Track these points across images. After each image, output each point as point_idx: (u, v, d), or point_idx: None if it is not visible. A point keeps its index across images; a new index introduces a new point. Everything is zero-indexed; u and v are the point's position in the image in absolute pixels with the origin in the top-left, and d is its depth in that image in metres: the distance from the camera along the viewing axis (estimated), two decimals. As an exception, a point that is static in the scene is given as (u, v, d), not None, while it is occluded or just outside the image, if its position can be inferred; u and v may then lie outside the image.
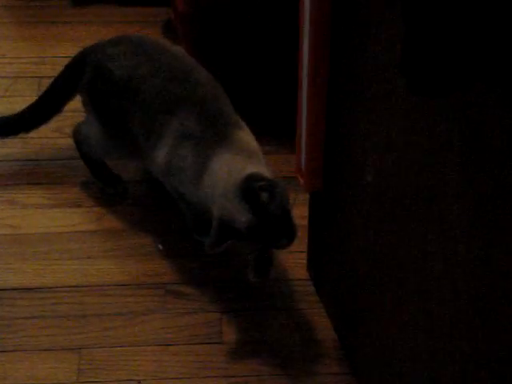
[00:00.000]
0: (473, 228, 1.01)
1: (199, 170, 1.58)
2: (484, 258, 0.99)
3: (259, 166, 1.56)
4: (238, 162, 1.56)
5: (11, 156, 1.94)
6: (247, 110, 1.68)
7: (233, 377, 1.50)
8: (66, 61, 1.87)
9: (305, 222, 1.66)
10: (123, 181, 1.87)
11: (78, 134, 1.86)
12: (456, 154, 1.03)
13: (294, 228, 1.48)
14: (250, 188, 1.47)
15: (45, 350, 1.54)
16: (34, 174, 1.90)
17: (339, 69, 1.37)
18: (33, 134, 1.95)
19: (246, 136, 1.63)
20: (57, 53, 2.25)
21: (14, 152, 1.95)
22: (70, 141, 1.92)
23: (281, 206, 1.47)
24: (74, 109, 1.87)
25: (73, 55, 1.84)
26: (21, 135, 1.93)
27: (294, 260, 1.72)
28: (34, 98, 1.94)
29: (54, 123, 1.95)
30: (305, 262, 1.70)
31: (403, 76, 0.92)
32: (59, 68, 1.88)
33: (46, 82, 2.06)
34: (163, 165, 1.66)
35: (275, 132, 1.99)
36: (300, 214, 1.77)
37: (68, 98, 1.88)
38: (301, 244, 1.72)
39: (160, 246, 1.74)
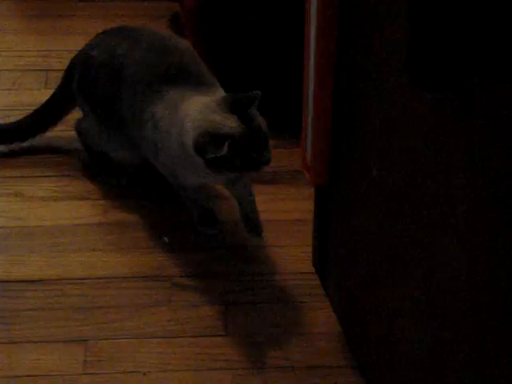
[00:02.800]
0: (478, 222, 1.01)
1: (177, 121, 1.60)
2: (488, 253, 1.00)
3: None
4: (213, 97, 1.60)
5: (17, 149, 1.95)
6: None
7: (237, 369, 1.51)
8: (73, 54, 1.87)
9: (310, 216, 1.66)
10: (127, 173, 1.88)
11: (79, 128, 1.88)
12: (461, 149, 1.03)
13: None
14: (238, 99, 1.54)
15: (51, 341, 1.55)
16: (40, 167, 1.91)
17: (345, 64, 1.37)
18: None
19: (221, 92, 1.66)
20: (64, 46, 2.26)
21: (21, 145, 1.95)
22: (75, 133, 1.93)
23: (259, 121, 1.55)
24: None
25: (79, 48, 1.85)
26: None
27: (299, 254, 1.72)
28: (42, 91, 1.95)
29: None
30: (310, 255, 1.70)
31: (408, 72, 0.92)
32: (66, 61, 1.89)
33: (53, 75, 2.08)
34: (150, 140, 1.67)
35: (279, 126, 1.99)
36: (305, 208, 1.78)
37: (67, 108, 1.90)
38: (306, 238, 1.72)
39: (166, 239, 1.75)
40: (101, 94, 1.76)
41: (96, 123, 1.80)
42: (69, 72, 1.86)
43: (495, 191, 0.96)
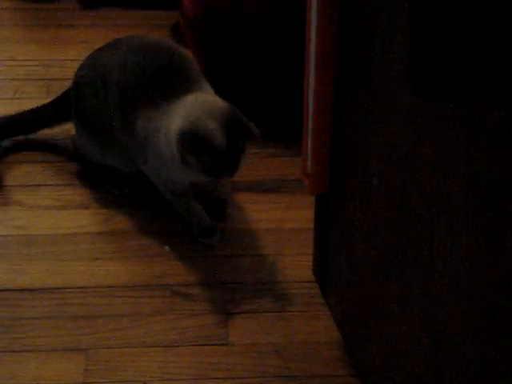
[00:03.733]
0: (478, 230, 1.01)
1: (167, 116, 1.62)
2: (489, 261, 1.00)
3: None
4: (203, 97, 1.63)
5: (19, 158, 1.95)
6: (254, 113, 1.69)
7: (238, 378, 1.51)
8: (74, 63, 1.88)
9: (311, 225, 1.66)
10: (129, 182, 1.88)
11: (74, 143, 1.90)
12: (461, 157, 1.03)
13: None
14: (237, 122, 1.57)
15: (52, 350, 1.55)
16: (41, 176, 1.91)
17: (345, 73, 1.37)
18: (40, 136, 1.97)
19: (208, 89, 1.69)
20: (66, 55, 2.27)
21: (22, 154, 1.96)
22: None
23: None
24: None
25: (81, 58, 1.86)
26: (27, 137, 1.97)
27: (299, 262, 1.72)
28: (43, 100, 1.95)
29: (61, 126, 1.97)
30: (310, 264, 1.70)
31: (409, 80, 0.92)
32: (68, 70, 1.90)
33: (55, 84, 2.08)
34: (139, 143, 1.69)
35: (281, 135, 1.99)
36: (306, 216, 1.78)
37: (50, 124, 1.93)
38: (307, 246, 1.72)
39: (167, 248, 1.75)
40: (91, 109, 1.77)
41: (89, 139, 1.81)
42: (65, 97, 1.88)
43: (496, 201, 0.96)
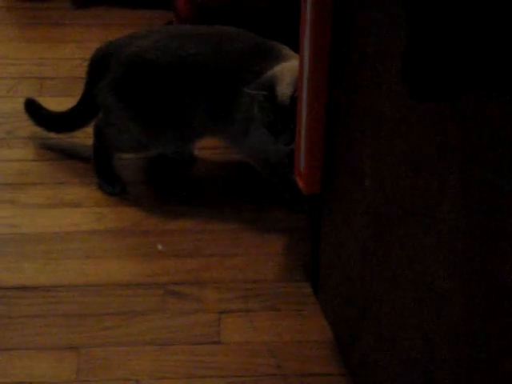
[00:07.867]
0: (471, 234, 1.01)
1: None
2: (481, 265, 1.00)
3: None
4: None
5: (12, 156, 1.95)
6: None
7: (230, 377, 1.51)
8: (67, 62, 1.88)
9: (303, 224, 1.66)
10: (122, 181, 1.88)
11: (100, 133, 1.85)
12: (454, 159, 1.03)
13: None
14: None
15: (43, 348, 1.54)
16: (34, 174, 1.90)
17: (338, 73, 1.37)
18: (31, 133, 1.97)
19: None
20: (58, 54, 2.26)
21: (15, 152, 1.96)
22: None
23: None
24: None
25: (74, 57, 1.85)
26: (20, 135, 1.97)
27: (292, 261, 1.72)
28: (36, 99, 1.95)
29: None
30: (303, 263, 1.70)
31: (405, 82, 0.92)
32: (60, 69, 1.89)
33: (48, 83, 2.08)
34: (241, 122, 1.72)
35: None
36: (298, 216, 1.79)
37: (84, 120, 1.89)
38: (299, 246, 1.73)
39: (159, 246, 1.75)
40: (157, 99, 1.76)
41: (135, 130, 1.80)
42: (97, 66, 1.82)
43: (490, 202, 0.96)
